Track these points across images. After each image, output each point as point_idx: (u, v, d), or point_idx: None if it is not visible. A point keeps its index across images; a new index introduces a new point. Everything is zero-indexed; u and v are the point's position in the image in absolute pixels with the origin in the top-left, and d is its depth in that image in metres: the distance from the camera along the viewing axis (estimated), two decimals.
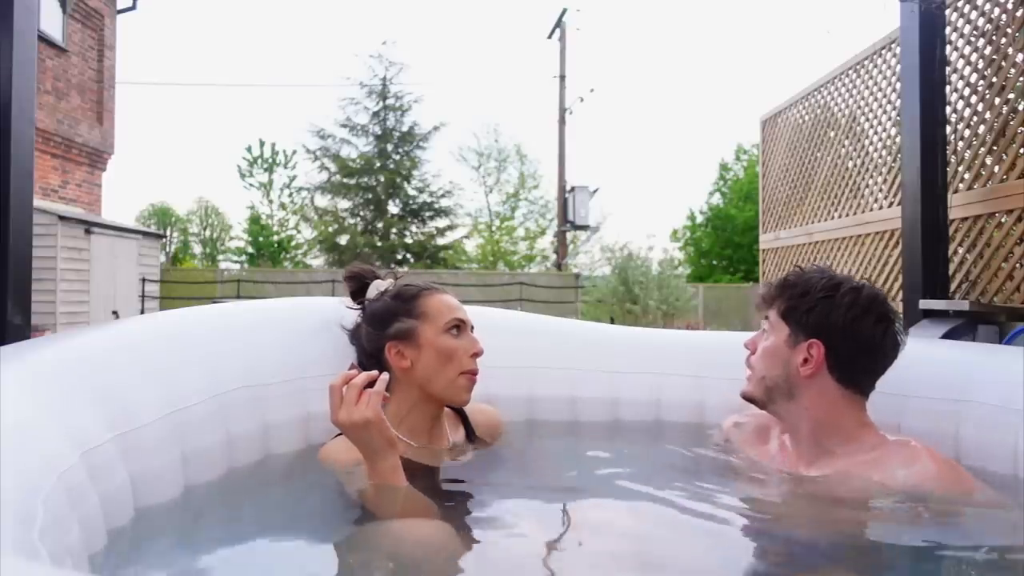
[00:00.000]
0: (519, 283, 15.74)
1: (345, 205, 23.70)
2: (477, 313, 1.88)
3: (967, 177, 3.50)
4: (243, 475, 1.46)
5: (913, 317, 3.10)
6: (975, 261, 3.40)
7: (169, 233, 27.09)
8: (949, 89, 3.45)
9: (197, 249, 28.51)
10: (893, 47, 4.26)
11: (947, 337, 2.88)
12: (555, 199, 20.01)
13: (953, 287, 3.39)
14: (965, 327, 3.02)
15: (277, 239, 26.44)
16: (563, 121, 18.79)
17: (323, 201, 24.19)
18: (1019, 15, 3.20)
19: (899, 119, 3.87)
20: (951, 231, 3.36)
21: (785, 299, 1.51)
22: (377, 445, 1.25)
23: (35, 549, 0.78)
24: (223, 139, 50.37)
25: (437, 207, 23.81)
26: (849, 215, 4.80)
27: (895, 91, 4.25)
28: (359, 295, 1.68)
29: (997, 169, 3.31)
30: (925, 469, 1.34)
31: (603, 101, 51.65)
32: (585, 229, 18.59)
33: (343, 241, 23.14)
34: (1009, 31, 3.25)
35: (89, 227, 10.09)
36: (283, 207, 26.69)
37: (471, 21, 47.83)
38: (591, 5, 41.13)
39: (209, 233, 28.69)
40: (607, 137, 43.76)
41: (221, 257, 27.78)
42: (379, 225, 23.24)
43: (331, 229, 23.53)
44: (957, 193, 3.48)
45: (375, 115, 23.31)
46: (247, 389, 1.53)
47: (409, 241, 23.64)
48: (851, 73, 4.85)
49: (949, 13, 3.49)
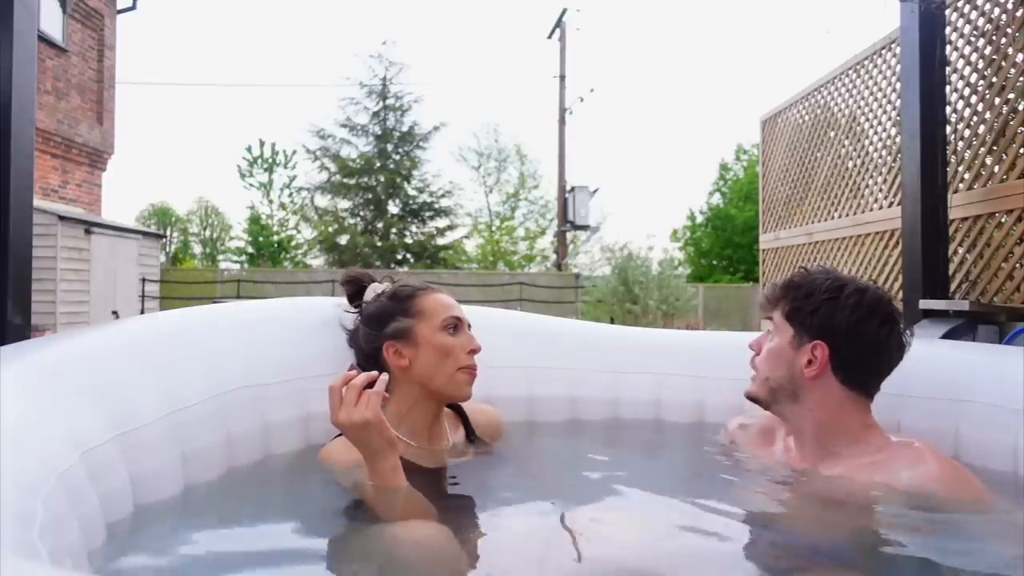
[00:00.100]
0: (519, 283, 15.73)
1: (345, 205, 23.72)
2: (477, 313, 1.87)
3: (967, 177, 3.50)
4: (243, 475, 1.46)
5: (913, 317, 3.10)
6: (975, 261, 3.40)
7: (169, 233, 27.09)
8: (949, 89, 3.45)
9: (197, 249, 28.51)
10: (893, 47, 4.26)
11: (947, 337, 2.88)
12: (555, 199, 20.01)
13: (953, 287, 3.39)
14: (965, 327, 3.02)
15: (277, 239, 26.43)
16: (563, 121, 18.79)
17: (323, 201, 24.22)
18: (1019, 15, 3.20)
19: (899, 119, 3.87)
20: (951, 231, 3.36)
21: (789, 300, 1.51)
22: (377, 446, 1.25)
23: (35, 549, 0.78)
24: (223, 139, 50.41)
25: (437, 207, 23.81)
26: (849, 215, 4.80)
27: (895, 91, 4.25)
28: (356, 299, 1.70)
29: (997, 169, 3.31)
30: (929, 471, 1.34)
31: (603, 101, 51.68)
32: (585, 229, 18.59)
33: (343, 241, 23.13)
34: (1009, 31, 3.25)
35: (89, 227, 10.09)
36: (283, 207, 26.70)
37: (471, 21, 47.88)
38: (591, 5, 41.15)
39: (209, 233, 28.70)
40: (607, 137, 43.78)
41: (221, 257, 27.78)
42: (379, 225, 23.23)
43: (331, 229, 23.52)
44: (957, 193, 3.48)
45: (375, 115, 23.31)
46: (247, 389, 1.53)
47: (409, 241, 23.62)
48: (851, 73, 4.85)
49: (949, 13, 3.49)
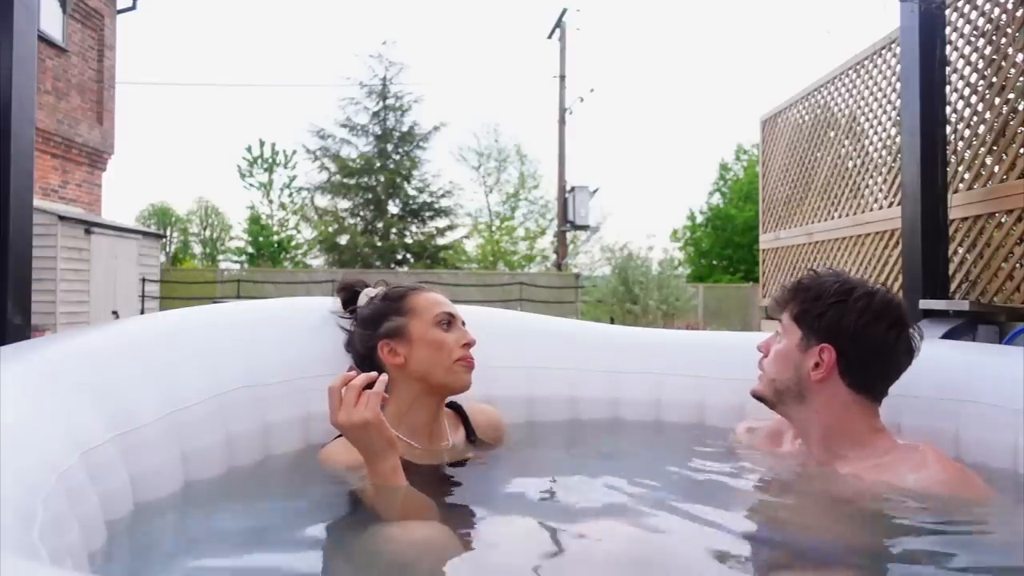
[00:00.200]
0: (519, 283, 15.72)
1: (345, 205, 23.71)
2: (476, 313, 1.88)
3: (967, 177, 3.50)
4: (243, 475, 1.46)
5: (913, 317, 3.09)
6: (975, 261, 3.40)
7: (169, 233, 27.08)
8: (949, 89, 3.45)
9: (197, 249, 28.49)
10: (893, 47, 4.26)
11: (947, 337, 2.88)
12: (555, 199, 20.00)
13: (953, 287, 3.39)
14: (965, 327, 3.02)
15: (277, 239, 26.41)
16: (563, 121, 18.79)
17: (323, 201, 24.22)
18: (1019, 15, 3.20)
19: (899, 119, 3.87)
20: (951, 231, 3.36)
21: (798, 302, 1.51)
22: (377, 446, 1.25)
23: (35, 549, 0.78)
24: (223, 139, 50.30)
25: (437, 207, 23.80)
26: (849, 215, 4.80)
27: (895, 91, 4.25)
28: (351, 304, 1.72)
29: (997, 169, 3.31)
30: (934, 474, 1.34)
31: (603, 101, 51.69)
32: (585, 229, 18.58)
33: (343, 241, 23.13)
34: (1009, 31, 3.25)
35: (89, 227, 10.09)
36: (283, 207, 26.67)
37: (471, 21, 47.84)
38: (591, 5, 41.12)
39: (209, 233, 28.68)
40: (607, 137, 43.76)
41: (221, 257, 27.77)
42: (379, 225, 23.23)
43: (331, 229, 23.52)
44: (957, 193, 3.48)
45: (375, 115, 23.30)
46: (247, 389, 1.53)
47: (409, 241, 23.62)
48: (851, 73, 4.85)
49: (949, 13, 3.49)
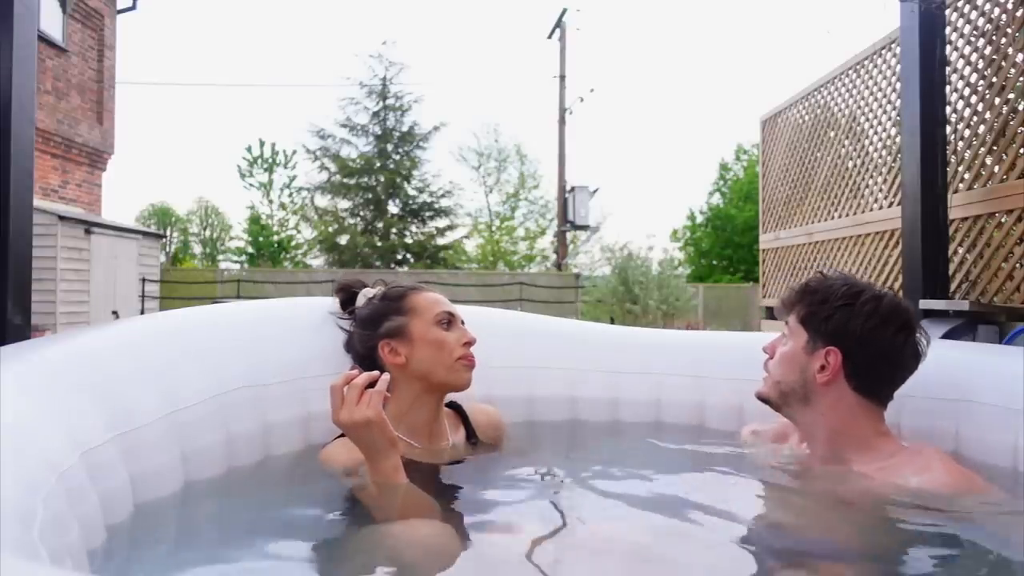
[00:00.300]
0: (519, 283, 15.72)
1: (345, 205, 23.71)
2: (476, 313, 1.88)
3: (967, 177, 3.50)
4: (243, 475, 1.46)
5: None
6: (975, 261, 3.40)
7: (169, 233, 27.07)
8: (949, 89, 3.45)
9: (197, 249, 28.49)
10: (893, 47, 4.26)
11: (947, 337, 2.88)
12: (555, 199, 20.00)
13: (953, 287, 3.39)
14: (965, 327, 3.03)
15: (277, 239, 26.40)
16: (563, 121, 18.79)
17: (323, 201, 24.21)
18: (1019, 15, 3.20)
19: (899, 119, 3.87)
20: (951, 231, 3.36)
21: (805, 305, 1.50)
22: (379, 445, 1.25)
23: (35, 549, 0.78)
24: (223, 139, 50.36)
25: (437, 207, 23.80)
26: (849, 215, 4.80)
27: (895, 91, 4.25)
28: (349, 305, 1.71)
29: (997, 169, 3.31)
30: (938, 477, 1.33)
31: (603, 101, 51.66)
32: (585, 229, 18.58)
33: (343, 241, 23.13)
34: (1009, 31, 3.25)
35: (89, 227, 10.09)
36: (283, 207, 26.66)
37: (471, 21, 47.84)
38: (591, 5, 41.09)
39: (209, 233, 28.69)
40: (607, 137, 43.76)
41: (221, 257, 27.77)
42: (379, 225, 23.23)
43: (331, 229, 23.51)
44: (957, 193, 3.48)
45: (375, 115, 23.30)
46: (247, 389, 1.53)
47: (409, 241, 23.62)
48: (851, 73, 4.85)
49: (949, 13, 3.49)
